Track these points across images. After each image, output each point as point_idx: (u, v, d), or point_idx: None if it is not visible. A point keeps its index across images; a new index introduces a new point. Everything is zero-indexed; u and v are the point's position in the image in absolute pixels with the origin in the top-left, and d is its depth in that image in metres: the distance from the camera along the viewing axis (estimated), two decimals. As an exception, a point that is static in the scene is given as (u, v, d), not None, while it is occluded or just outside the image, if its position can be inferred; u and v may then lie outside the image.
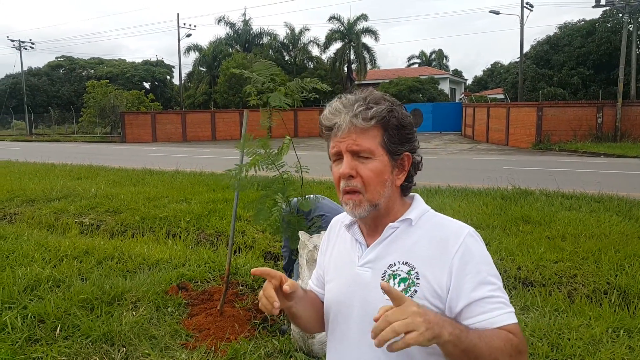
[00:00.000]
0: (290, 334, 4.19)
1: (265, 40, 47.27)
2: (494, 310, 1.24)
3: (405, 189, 1.41)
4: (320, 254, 1.64)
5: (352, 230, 1.45)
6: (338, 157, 1.35)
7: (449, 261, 1.28)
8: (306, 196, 4.46)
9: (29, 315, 4.47)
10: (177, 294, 5.21)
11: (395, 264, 1.33)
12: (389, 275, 1.33)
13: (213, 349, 4.02)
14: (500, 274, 1.36)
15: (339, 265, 1.48)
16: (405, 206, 1.41)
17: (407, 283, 1.30)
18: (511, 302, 4.49)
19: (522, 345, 1.24)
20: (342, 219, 1.56)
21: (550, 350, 3.96)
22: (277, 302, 1.29)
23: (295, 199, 4.46)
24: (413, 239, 1.34)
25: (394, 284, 1.31)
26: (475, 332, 1.19)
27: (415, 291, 1.29)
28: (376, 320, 1.08)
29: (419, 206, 1.41)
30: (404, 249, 1.34)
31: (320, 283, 1.60)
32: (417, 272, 1.30)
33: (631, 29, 26.75)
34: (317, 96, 4.35)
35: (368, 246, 1.40)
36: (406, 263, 1.32)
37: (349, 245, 1.47)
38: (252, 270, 1.33)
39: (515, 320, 1.26)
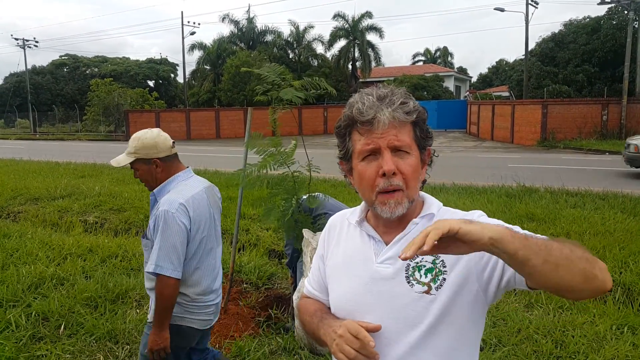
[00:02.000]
0: (294, 332, 4.19)
1: (269, 38, 47.25)
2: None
3: (423, 184, 1.40)
4: (317, 258, 1.58)
5: (363, 225, 1.41)
6: (370, 153, 1.28)
7: None
8: (313, 194, 4.45)
9: (33, 313, 4.49)
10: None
11: (418, 256, 1.25)
12: (412, 267, 1.28)
13: (217, 346, 4.03)
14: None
15: (350, 264, 1.41)
16: (419, 201, 1.39)
17: (434, 273, 1.27)
18: (515, 300, 4.46)
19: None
20: (345, 217, 1.52)
21: (555, 347, 3.95)
22: (373, 342, 1.22)
23: (303, 197, 4.46)
24: None
25: (420, 275, 1.27)
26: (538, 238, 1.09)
27: (445, 279, 1.25)
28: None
29: (434, 201, 1.40)
30: None
31: (322, 288, 1.54)
32: (442, 260, 1.27)
33: (636, 25, 26.65)
34: (326, 92, 4.35)
35: (386, 243, 1.35)
36: None
37: (359, 243, 1.41)
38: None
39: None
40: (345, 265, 1.42)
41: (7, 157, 19.89)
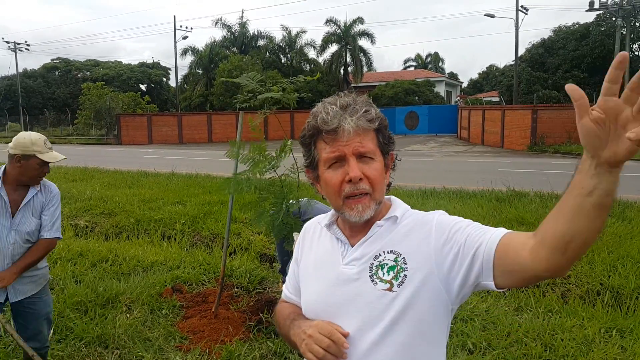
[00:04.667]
0: (284, 336, 4.19)
1: (261, 42, 47.28)
2: (487, 232, 1.25)
3: (389, 187, 1.44)
4: (293, 262, 1.62)
5: (333, 229, 1.45)
6: (336, 161, 1.32)
7: (431, 237, 1.31)
8: (300, 199, 4.47)
9: (23, 317, 4.45)
10: (172, 296, 5.21)
11: (380, 254, 1.34)
12: (376, 266, 1.33)
13: (207, 351, 4.02)
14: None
15: (320, 267, 1.46)
16: (386, 205, 1.43)
17: (395, 270, 1.31)
18: (505, 303, 4.50)
19: None
20: (317, 221, 1.56)
21: (544, 351, 3.98)
22: (346, 344, 1.28)
23: (291, 202, 4.47)
24: (397, 234, 1.36)
25: (383, 273, 1.31)
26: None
27: (406, 276, 1.29)
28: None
29: (401, 205, 1.44)
30: (388, 241, 1.35)
31: (298, 291, 1.57)
32: (403, 258, 1.31)
33: (624, 32, 26.92)
34: (318, 95, 4.39)
35: (352, 245, 1.40)
36: (391, 252, 1.33)
37: (329, 246, 1.46)
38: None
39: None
40: (316, 268, 1.47)
41: (-4, 161, 19.76)
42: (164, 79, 58.71)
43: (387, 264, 1.32)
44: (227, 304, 5.00)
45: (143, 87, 56.51)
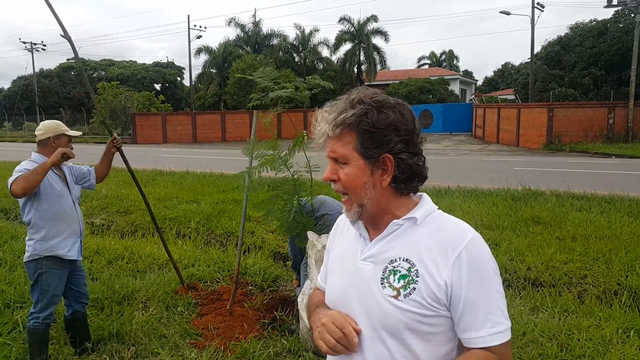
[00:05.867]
0: (298, 334, 4.20)
1: (275, 41, 47.34)
2: (482, 329, 1.28)
3: (401, 189, 1.38)
4: (326, 252, 1.66)
5: (357, 224, 1.46)
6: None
7: (450, 266, 1.28)
8: (314, 197, 4.48)
9: (41, 314, 4.51)
10: (187, 293, 5.24)
11: (396, 260, 1.34)
12: (389, 271, 1.34)
13: (222, 348, 4.05)
14: (510, 274, 1.38)
15: (342, 260, 1.50)
16: (410, 204, 1.40)
17: (406, 280, 1.31)
18: (520, 303, 4.45)
19: None
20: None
21: (560, 351, 3.94)
22: (356, 338, 1.33)
23: (304, 199, 4.48)
24: (416, 238, 1.34)
25: (394, 279, 1.32)
26: None
27: (414, 289, 1.29)
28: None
29: (425, 205, 1.40)
30: (406, 246, 1.34)
31: (326, 280, 1.62)
32: (416, 270, 1.31)
33: (643, 28, 26.48)
34: (330, 93, 4.38)
35: (371, 240, 1.41)
36: (407, 260, 1.33)
37: (353, 239, 1.48)
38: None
39: (505, 340, 1.28)
40: (339, 260, 1.52)
41: (15, 159, 20.01)
42: (178, 79, 59.07)
43: (399, 271, 1.33)
44: (241, 301, 5.03)
45: (157, 86, 56.93)
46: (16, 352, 3.91)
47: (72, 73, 58.70)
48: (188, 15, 41.94)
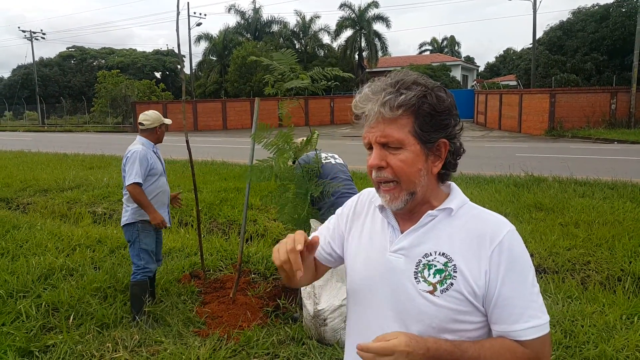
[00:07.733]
0: (302, 322, 4.20)
1: (275, 28, 47.10)
2: (517, 322, 1.23)
3: (443, 176, 1.34)
4: (341, 216, 1.56)
5: (386, 212, 1.38)
6: (369, 147, 1.29)
7: (487, 259, 1.23)
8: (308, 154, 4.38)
9: (43, 303, 4.52)
10: (190, 282, 5.25)
11: (431, 254, 1.27)
12: (423, 264, 1.27)
13: (226, 336, 4.05)
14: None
15: (368, 248, 1.41)
16: (442, 195, 1.35)
17: (443, 275, 1.25)
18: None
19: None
20: (373, 196, 1.48)
21: (564, 337, 3.94)
22: (301, 272, 1.22)
23: (299, 160, 4.35)
24: (451, 230, 1.29)
25: (429, 274, 1.26)
26: (474, 349, 1.22)
27: (452, 284, 1.24)
28: (365, 349, 1.16)
29: (458, 196, 1.35)
30: (441, 239, 1.29)
31: (329, 247, 1.54)
32: (454, 265, 1.25)
33: (646, 13, 26.26)
34: (337, 83, 4.30)
35: (402, 232, 1.34)
36: (443, 254, 1.27)
37: (379, 228, 1.40)
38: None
39: (540, 334, 1.23)
40: (365, 248, 1.42)
41: (16, 149, 20.00)
42: (179, 67, 58.85)
43: (435, 266, 1.27)
44: (244, 289, 5.03)
45: (158, 74, 56.74)
46: (20, 341, 3.91)
47: (72, 62, 58.49)
48: (188, 3, 41.63)
